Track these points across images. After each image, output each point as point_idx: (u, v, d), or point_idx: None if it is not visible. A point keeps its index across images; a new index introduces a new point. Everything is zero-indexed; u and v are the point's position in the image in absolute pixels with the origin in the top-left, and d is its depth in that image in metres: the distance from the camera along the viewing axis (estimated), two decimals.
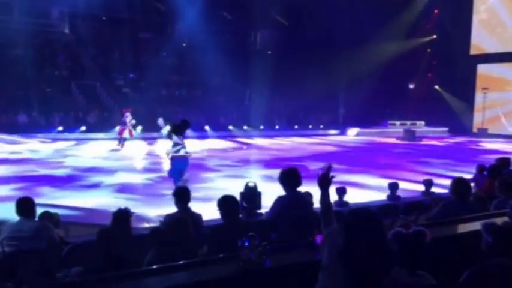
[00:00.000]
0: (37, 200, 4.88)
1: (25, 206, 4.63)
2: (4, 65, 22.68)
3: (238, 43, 31.59)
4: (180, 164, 9.43)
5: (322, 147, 20.28)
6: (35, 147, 17.82)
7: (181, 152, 9.52)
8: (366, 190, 10.00)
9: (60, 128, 21.34)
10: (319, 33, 27.23)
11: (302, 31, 29.31)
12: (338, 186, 7.43)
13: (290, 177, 4.55)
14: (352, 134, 27.07)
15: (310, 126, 28.01)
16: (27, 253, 4.23)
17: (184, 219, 4.13)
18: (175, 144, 9.54)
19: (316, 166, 13.91)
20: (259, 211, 6.37)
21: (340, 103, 30.24)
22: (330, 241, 2.37)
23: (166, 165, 14.91)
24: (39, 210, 4.93)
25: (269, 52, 33.00)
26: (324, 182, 3.10)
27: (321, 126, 28.44)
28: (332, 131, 27.96)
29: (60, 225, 5.30)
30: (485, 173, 7.02)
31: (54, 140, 19.88)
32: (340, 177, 11.89)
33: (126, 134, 17.70)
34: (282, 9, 31.64)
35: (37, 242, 4.32)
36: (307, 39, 28.69)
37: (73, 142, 19.73)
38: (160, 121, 10.45)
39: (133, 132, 18.14)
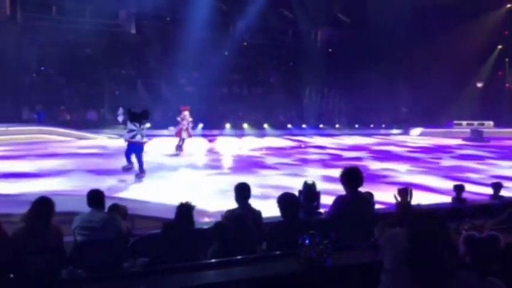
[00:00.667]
0: (105, 193, 5.12)
1: (95, 198, 4.88)
2: (75, 64, 23.95)
3: (298, 41, 31.51)
4: (135, 148, 10.77)
5: (384, 147, 19.81)
6: (103, 143, 18.68)
7: (137, 138, 10.73)
8: (429, 192, 9.67)
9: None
10: (381, 31, 26.55)
11: (364, 29, 28.70)
12: (401, 187, 7.21)
13: (352, 177, 4.49)
14: (416, 134, 26.22)
15: (371, 126, 27.44)
16: (96, 243, 4.46)
17: (244, 215, 4.20)
18: (130, 131, 10.77)
19: (376, 166, 13.66)
20: (318, 210, 6.33)
21: (403, 102, 29.37)
22: (393, 243, 2.33)
23: (226, 162, 15.21)
24: (107, 203, 5.19)
25: (330, 50, 32.65)
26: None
27: (383, 126, 27.78)
28: (394, 131, 27.23)
29: (127, 217, 5.53)
30: None
31: (121, 136, 20.72)
32: (403, 177, 11.63)
33: (184, 135, 15.90)
34: (344, 7, 31.18)
35: (106, 232, 4.54)
36: (369, 37, 28.06)
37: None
38: (120, 111, 11.95)
39: (191, 131, 16.27)
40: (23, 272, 3.80)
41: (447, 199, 7.53)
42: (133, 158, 10.93)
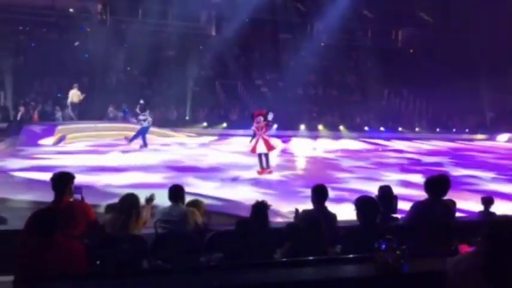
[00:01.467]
0: (185, 189, 5.33)
1: (175, 193, 5.10)
2: (158, 65, 25.06)
3: (378, 42, 30.75)
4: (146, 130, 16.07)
5: (467, 153, 18.79)
6: (182, 141, 19.40)
7: (145, 123, 15.94)
8: None
9: (205, 124, 22.91)
10: (468, 31, 25.17)
11: (448, 28, 27.39)
12: (484, 196, 6.84)
13: (437, 185, 4.33)
14: (503, 140, 24.58)
15: (453, 130, 26.12)
16: (175, 236, 4.67)
17: (318, 217, 4.19)
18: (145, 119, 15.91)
19: (458, 173, 12.99)
20: (394, 215, 6.16)
21: (489, 105, 27.62)
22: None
23: (300, 163, 15.20)
24: (186, 198, 5.40)
25: (411, 51, 31.54)
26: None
27: (466, 130, 26.32)
28: (479, 136, 25.71)
29: (205, 213, 5.72)
30: None
31: (199, 134, 21.41)
32: (487, 186, 10.97)
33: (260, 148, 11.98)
34: (427, 6, 29.96)
35: (184, 226, 4.74)
36: (454, 37, 26.71)
37: (216, 137, 21.04)
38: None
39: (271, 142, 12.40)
40: (109, 260, 4.07)
41: None
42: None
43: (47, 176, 9.89)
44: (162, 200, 5.26)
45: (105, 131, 18.80)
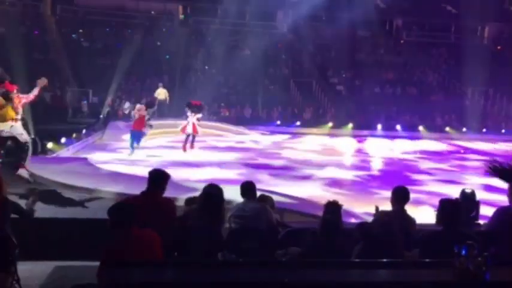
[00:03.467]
0: (257, 186, 5.41)
1: (248, 189, 5.19)
2: (235, 64, 25.56)
3: (461, 38, 29.20)
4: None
5: None
6: (256, 138, 19.65)
7: None
8: None
9: (279, 122, 23.03)
10: None
11: None
12: None
13: None
14: None
15: None
16: (249, 231, 4.76)
17: (393, 219, 4.08)
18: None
19: None
20: (476, 221, 5.85)
21: None
22: None
23: (376, 163, 14.83)
24: (258, 195, 5.48)
25: (498, 47, 29.62)
26: None
27: None
28: None
29: (275, 210, 5.77)
30: None
31: (273, 132, 21.56)
32: None
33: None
34: None
35: (258, 222, 4.81)
36: None
37: (289, 135, 21.09)
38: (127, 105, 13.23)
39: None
40: (186, 252, 4.24)
41: None
42: None
43: (129, 169, 10.52)
44: (235, 195, 5.39)
45: None
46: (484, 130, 23.72)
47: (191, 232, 4.26)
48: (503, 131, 24.35)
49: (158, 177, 4.53)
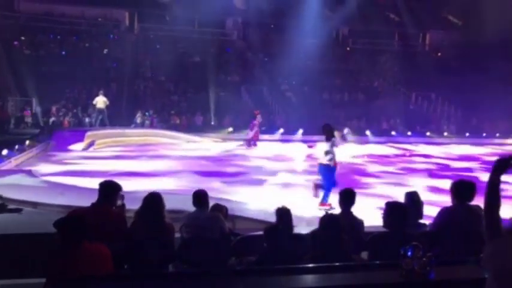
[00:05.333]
0: (209, 194, 5.38)
1: (200, 198, 5.15)
2: (185, 71, 25.39)
3: (404, 45, 30.40)
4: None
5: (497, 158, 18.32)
6: (208, 146, 19.55)
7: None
8: None
9: (230, 129, 23.04)
10: (498, 33, 24.63)
11: (478, 30, 26.87)
12: None
13: (463, 189, 4.27)
14: None
15: (484, 134, 25.53)
16: (201, 240, 4.72)
17: (336, 222, 4.12)
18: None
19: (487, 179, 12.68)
20: (421, 221, 6.07)
21: None
22: (498, 261, 2.09)
23: None
24: (210, 203, 5.45)
25: (439, 54, 31.06)
26: (500, 166, 2.51)
27: (497, 135, 25.68)
28: (510, 140, 25.05)
29: (228, 218, 5.75)
30: None
31: (225, 140, 21.54)
32: None
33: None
34: (455, 9, 29.50)
35: (210, 231, 4.78)
36: (483, 40, 26.19)
37: (241, 142, 21.11)
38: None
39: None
40: (136, 264, 4.15)
41: None
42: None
43: (77, 181, 10.18)
44: (188, 205, 5.33)
45: (133, 137, 19.12)
46: (428, 133, 24.75)
47: (140, 243, 4.17)
48: (445, 134, 25.50)
49: (109, 189, 4.43)
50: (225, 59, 28.07)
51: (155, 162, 14.15)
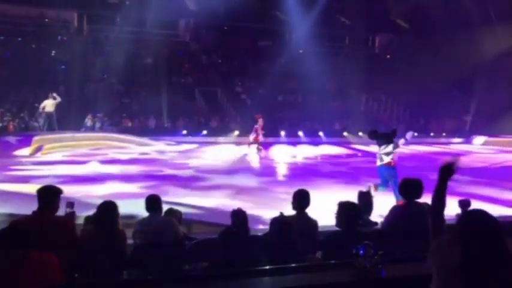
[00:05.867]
0: (162, 198, 5.28)
1: (153, 202, 5.05)
2: (137, 73, 24.91)
3: (355, 48, 31.14)
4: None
5: (444, 157, 19.10)
6: (161, 149, 19.27)
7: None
8: (494, 204, 9.21)
9: (185, 132, 22.82)
10: (442, 36, 25.72)
11: (425, 34, 27.93)
12: (462, 198, 6.94)
13: (411, 187, 4.40)
14: (479, 143, 25.06)
15: (431, 134, 26.54)
16: (155, 246, 4.63)
17: (287, 224, 4.14)
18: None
19: (435, 177, 13.20)
20: (374, 220, 6.21)
21: (465, 109, 28.16)
22: (441, 256, 2.17)
23: (281, 169, 15.22)
24: (164, 208, 5.36)
25: (388, 56, 32.02)
26: (446, 172, 2.68)
27: (444, 134, 26.77)
28: (456, 140, 26.18)
29: (183, 222, 5.68)
30: None
31: (179, 143, 21.30)
32: (464, 189, 11.15)
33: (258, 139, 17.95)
34: (403, 13, 30.53)
35: (164, 236, 4.70)
36: (430, 43, 27.26)
37: (196, 145, 20.96)
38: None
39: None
40: (88, 272, 4.00)
41: None
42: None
43: (23, 188, 9.75)
44: (140, 210, 5.21)
45: (82, 141, 18.57)
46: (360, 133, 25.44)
47: (91, 251, 4.04)
48: None
49: (48, 194, 4.18)
50: (178, 60, 27.79)
51: (106, 167, 13.78)
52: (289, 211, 5.10)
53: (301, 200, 4.95)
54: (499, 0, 24.91)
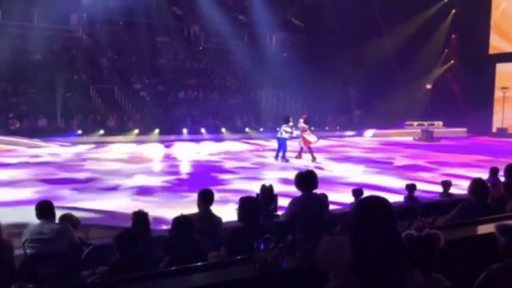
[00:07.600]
0: (57, 203, 4.99)
1: (45, 209, 4.72)
2: (25, 70, 23.09)
3: (253, 45, 31.71)
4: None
5: (339, 149, 20.21)
6: (55, 151, 18.11)
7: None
8: (383, 192, 9.93)
9: (80, 132, 21.64)
10: (336, 35, 27.12)
11: (318, 32, 29.26)
12: (355, 188, 7.39)
13: (306, 180, 4.57)
14: (369, 135, 26.88)
15: (326, 128, 27.90)
16: (48, 255, 4.32)
17: (188, 222, 4.10)
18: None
19: (332, 167, 13.95)
20: (275, 213, 6.38)
21: (357, 104, 30.04)
22: (333, 256, 2.16)
23: (184, 167, 15.06)
24: (59, 213, 5.04)
25: (285, 54, 33.03)
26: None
27: (337, 128, 28.29)
28: (348, 133, 27.80)
29: (80, 227, 5.39)
30: (500, 175, 6.90)
31: (74, 143, 20.17)
32: (356, 178, 11.90)
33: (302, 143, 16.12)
34: (297, 12, 31.70)
35: (58, 243, 4.41)
36: (324, 41, 28.62)
37: (92, 145, 20.00)
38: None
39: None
40: None
41: (400, 198, 7.75)
42: None
43: None
44: (31, 217, 4.84)
45: None
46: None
47: None
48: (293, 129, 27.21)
49: None
50: (70, 57, 26.22)
51: None
52: (194, 209, 5.07)
53: (205, 199, 4.95)
54: (388, 4, 26.80)
